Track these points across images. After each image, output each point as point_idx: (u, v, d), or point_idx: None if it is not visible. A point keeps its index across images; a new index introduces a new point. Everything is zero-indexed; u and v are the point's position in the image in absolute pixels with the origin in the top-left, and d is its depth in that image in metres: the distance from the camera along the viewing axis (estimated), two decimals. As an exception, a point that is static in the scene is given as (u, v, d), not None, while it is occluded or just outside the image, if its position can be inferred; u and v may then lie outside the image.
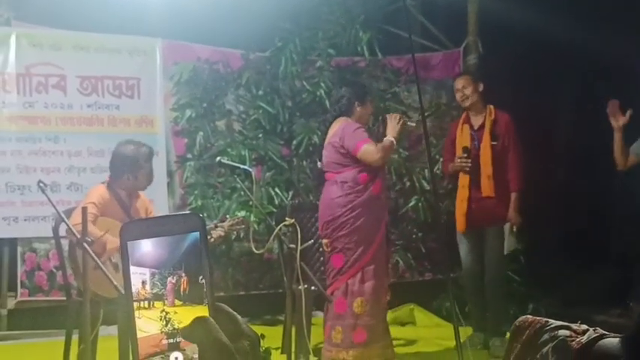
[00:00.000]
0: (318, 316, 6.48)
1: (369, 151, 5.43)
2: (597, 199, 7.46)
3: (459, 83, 6.31)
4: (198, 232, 0.96)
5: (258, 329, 6.54)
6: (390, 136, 5.48)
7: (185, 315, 0.92)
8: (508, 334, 5.80)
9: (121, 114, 6.78)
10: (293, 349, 5.37)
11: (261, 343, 4.57)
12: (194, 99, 7.02)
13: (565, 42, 6.97)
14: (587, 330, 1.23)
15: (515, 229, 6.25)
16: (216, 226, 5.17)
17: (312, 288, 5.42)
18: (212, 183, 6.99)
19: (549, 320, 3.48)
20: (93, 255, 4.01)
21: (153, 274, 0.89)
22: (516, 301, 6.98)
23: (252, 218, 6.60)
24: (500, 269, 6.29)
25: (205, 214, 6.85)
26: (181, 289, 0.92)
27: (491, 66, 7.66)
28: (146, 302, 0.90)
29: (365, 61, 7.52)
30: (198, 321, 0.94)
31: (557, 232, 7.20)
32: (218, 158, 6.25)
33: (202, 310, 0.96)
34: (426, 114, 7.19)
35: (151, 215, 5.20)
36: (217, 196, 6.94)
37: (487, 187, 6.09)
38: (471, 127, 6.22)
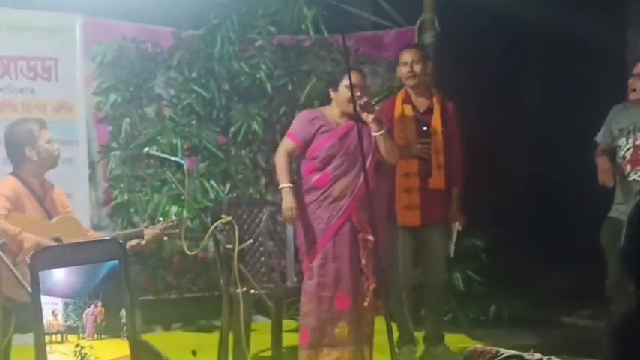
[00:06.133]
0: (258, 320, 6.48)
1: (281, 144, 5.52)
2: (564, 192, 7.54)
3: (408, 56, 5.91)
4: (117, 260, 0.94)
5: (193, 336, 6.58)
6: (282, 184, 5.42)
7: (103, 350, 0.89)
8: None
9: (36, 98, 6.69)
10: (230, 359, 5.39)
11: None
12: (119, 82, 6.97)
13: (531, 21, 6.99)
14: (541, 359, 1.23)
15: (460, 228, 5.98)
16: (147, 227, 5.14)
17: (252, 291, 5.43)
18: (140, 175, 6.97)
19: (500, 350, 3.60)
20: (3, 257, 3.95)
21: (66, 305, 0.87)
22: (477, 302, 7.05)
23: (185, 214, 6.57)
24: (443, 274, 6.16)
25: (133, 210, 6.85)
26: (98, 321, 0.90)
27: (448, 46, 7.67)
28: (59, 335, 0.88)
29: (310, 41, 7.51)
30: None
31: (521, 228, 7.28)
32: (146, 149, 6.24)
33: (122, 345, 0.94)
34: (376, 98, 7.25)
35: (68, 209, 5.15)
36: (146, 190, 6.92)
37: (437, 178, 5.82)
38: (415, 109, 5.89)
